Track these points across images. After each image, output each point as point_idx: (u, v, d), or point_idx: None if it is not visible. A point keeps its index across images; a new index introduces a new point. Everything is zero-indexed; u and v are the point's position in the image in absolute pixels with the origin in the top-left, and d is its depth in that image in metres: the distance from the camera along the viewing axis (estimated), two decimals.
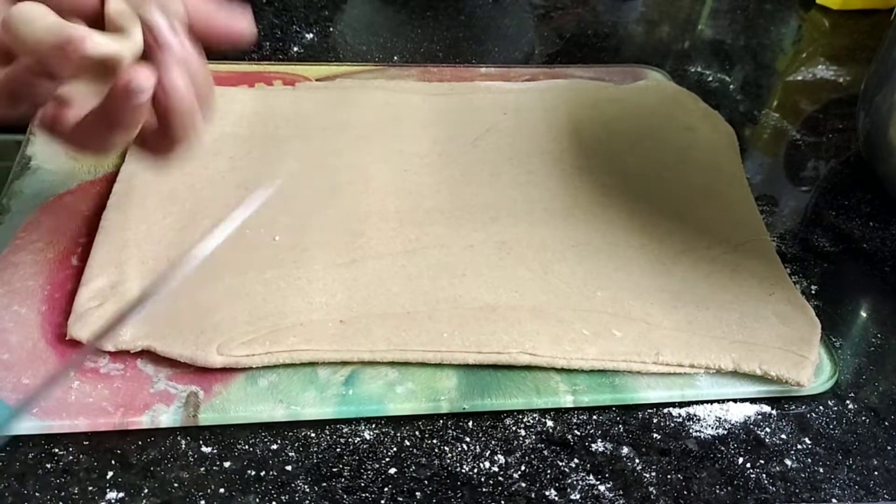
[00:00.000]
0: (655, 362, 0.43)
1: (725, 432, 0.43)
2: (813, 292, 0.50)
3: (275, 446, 0.40)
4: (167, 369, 0.42)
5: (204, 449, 0.40)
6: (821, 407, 0.44)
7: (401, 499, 0.38)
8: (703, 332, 0.45)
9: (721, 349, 0.44)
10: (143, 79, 0.34)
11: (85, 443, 0.39)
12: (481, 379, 0.43)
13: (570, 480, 0.40)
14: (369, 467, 0.40)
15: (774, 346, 0.44)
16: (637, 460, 0.41)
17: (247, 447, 0.40)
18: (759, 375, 0.44)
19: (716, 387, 0.44)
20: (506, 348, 0.43)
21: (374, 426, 0.41)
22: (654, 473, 0.40)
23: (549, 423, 0.42)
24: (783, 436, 0.43)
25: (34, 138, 0.54)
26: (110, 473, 0.38)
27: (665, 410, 0.43)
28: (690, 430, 0.43)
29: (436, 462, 0.40)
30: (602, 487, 0.40)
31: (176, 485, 0.38)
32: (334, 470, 0.39)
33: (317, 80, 0.62)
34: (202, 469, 0.39)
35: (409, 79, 0.63)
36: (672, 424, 0.43)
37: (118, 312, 0.40)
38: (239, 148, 0.54)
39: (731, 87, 0.68)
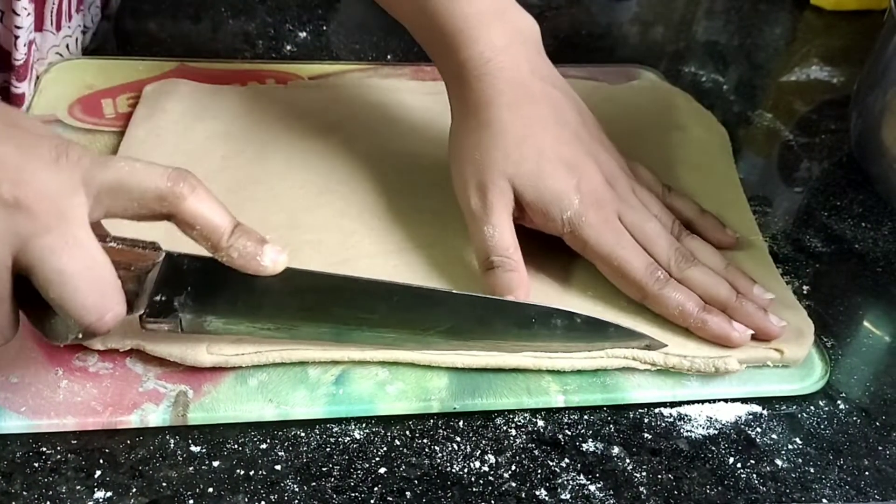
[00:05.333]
0: (635, 358, 0.43)
1: (716, 432, 0.43)
2: (805, 292, 0.50)
3: (264, 446, 0.40)
4: (156, 368, 0.42)
5: (193, 448, 0.40)
6: (812, 407, 0.44)
7: (391, 498, 0.38)
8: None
9: (710, 346, 0.44)
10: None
11: (73, 442, 0.39)
12: (472, 379, 0.43)
13: (560, 480, 0.40)
14: (359, 467, 0.39)
15: (766, 348, 0.44)
16: (628, 460, 0.41)
17: (236, 446, 0.40)
18: (749, 369, 0.44)
19: (707, 386, 0.44)
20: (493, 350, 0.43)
21: (364, 426, 0.41)
22: (644, 473, 0.40)
23: (540, 423, 0.42)
24: (774, 436, 0.43)
25: None
26: (98, 473, 0.38)
27: (656, 410, 0.43)
28: (681, 430, 0.42)
29: (426, 462, 0.40)
30: (592, 487, 0.40)
31: (164, 484, 0.38)
32: (324, 469, 0.39)
33: (310, 78, 0.62)
34: (191, 468, 0.39)
35: (402, 78, 0.63)
36: (663, 424, 0.43)
37: None
38: (231, 147, 0.54)
39: (725, 87, 0.68)
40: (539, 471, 0.40)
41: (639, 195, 0.47)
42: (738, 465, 0.41)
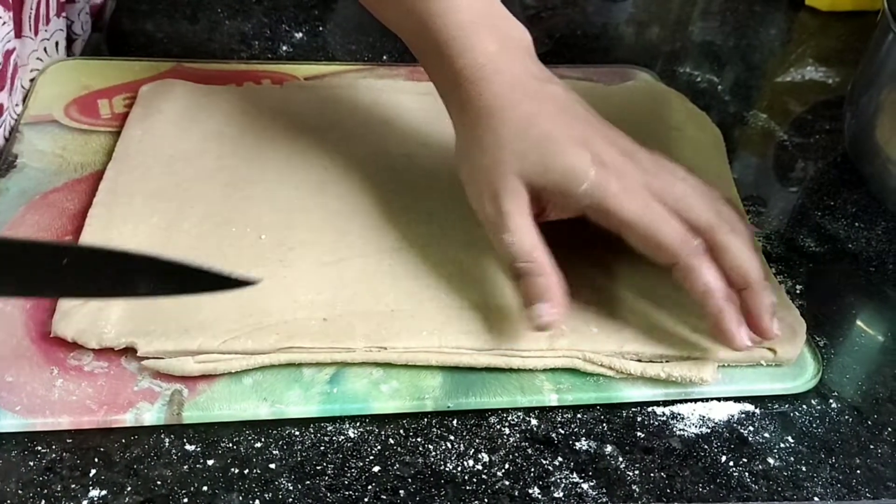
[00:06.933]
0: (611, 366, 0.43)
1: (709, 431, 0.43)
2: (798, 292, 0.50)
3: (259, 444, 0.40)
4: (151, 367, 0.42)
5: (187, 447, 0.40)
6: (804, 406, 0.44)
7: (384, 497, 0.39)
8: (687, 329, 0.45)
9: (698, 343, 0.44)
10: None
11: (68, 440, 0.39)
12: (466, 377, 0.43)
13: (553, 479, 0.40)
14: (353, 465, 0.40)
15: (759, 346, 0.45)
16: (621, 459, 0.41)
17: (230, 445, 0.40)
18: (742, 368, 0.44)
19: (699, 385, 0.44)
20: (482, 348, 0.43)
21: (358, 424, 0.41)
22: (637, 472, 0.41)
23: (534, 422, 0.42)
24: (766, 434, 0.43)
25: (21, 136, 0.54)
26: (93, 471, 0.38)
27: (649, 409, 0.43)
28: (674, 429, 0.43)
29: (420, 460, 0.40)
30: (585, 486, 0.40)
31: (159, 483, 0.38)
32: (318, 468, 0.39)
33: (305, 79, 0.62)
34: (185, 467, 0.39)
35: (397, 78, 0.63)
36: (656, 423, 0.43)
37: None
38: (226, 147, 0.54)
39: (720, 87, 0.68)
40: (532, 469, 0.40)
41: (661, 165, 0.45)
42: (731, 463, 0.41)
